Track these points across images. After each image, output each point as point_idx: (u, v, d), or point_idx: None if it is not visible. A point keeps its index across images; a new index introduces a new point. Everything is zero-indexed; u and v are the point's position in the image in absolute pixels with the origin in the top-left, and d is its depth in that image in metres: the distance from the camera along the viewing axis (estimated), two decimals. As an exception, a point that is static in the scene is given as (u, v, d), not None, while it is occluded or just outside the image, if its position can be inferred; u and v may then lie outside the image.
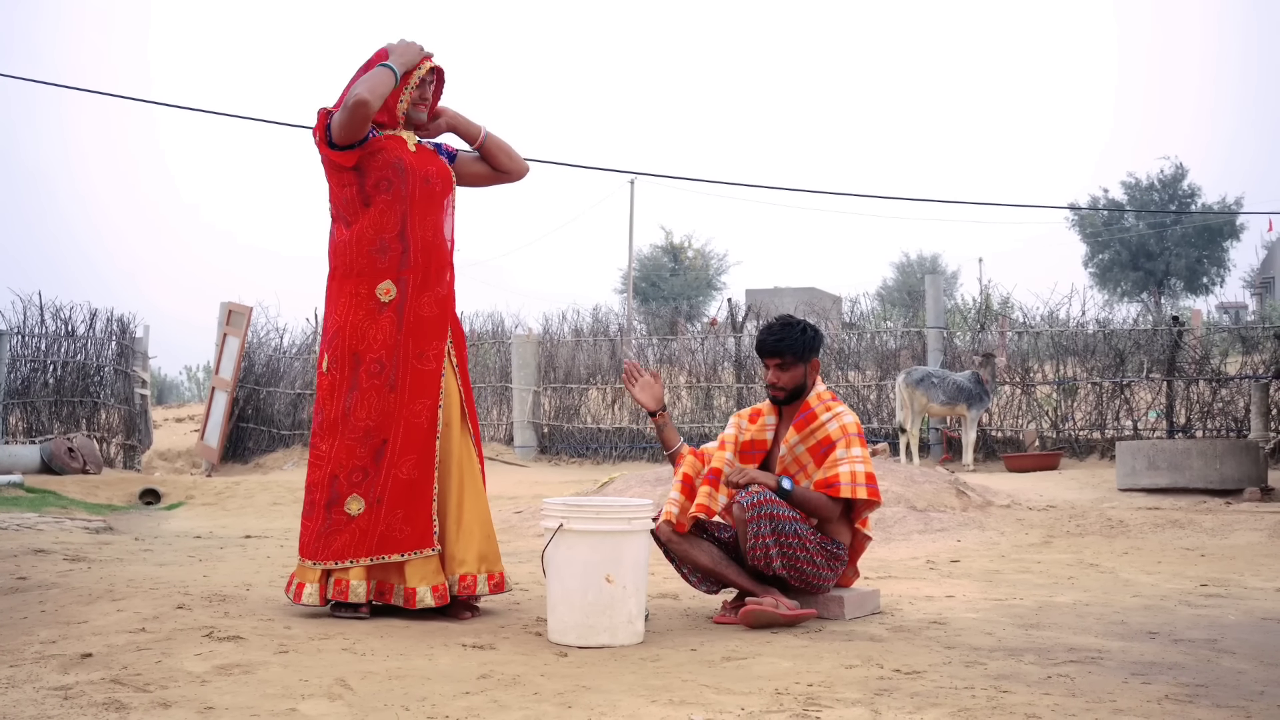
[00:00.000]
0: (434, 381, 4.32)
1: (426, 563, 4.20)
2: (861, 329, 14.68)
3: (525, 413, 14.59)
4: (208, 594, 4.60)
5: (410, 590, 4.18)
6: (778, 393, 4.42)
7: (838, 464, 4.26)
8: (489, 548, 4.35)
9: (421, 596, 4.17)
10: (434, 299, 4.38)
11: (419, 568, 4.19)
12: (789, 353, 4.36)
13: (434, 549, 4.22)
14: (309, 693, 3.11)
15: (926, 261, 45.68)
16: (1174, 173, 39.46)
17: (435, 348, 4.35)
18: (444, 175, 4.47)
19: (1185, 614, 4.47)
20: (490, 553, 4.36)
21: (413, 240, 4.34)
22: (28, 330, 13.77)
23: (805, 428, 4.34)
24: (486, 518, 4.39)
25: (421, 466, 4.26)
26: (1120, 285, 38.96)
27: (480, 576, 4.29)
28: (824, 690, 3.21)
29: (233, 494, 10.41)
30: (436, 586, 4.19)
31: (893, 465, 8.45)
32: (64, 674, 3.25)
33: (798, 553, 4.20)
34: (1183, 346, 12.10)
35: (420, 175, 4.37)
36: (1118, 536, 6.92)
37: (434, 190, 4.41)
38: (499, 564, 4.39)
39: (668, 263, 44.74)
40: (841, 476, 4.23)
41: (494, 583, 4.34)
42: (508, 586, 4.46)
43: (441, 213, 4.44)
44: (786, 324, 4.45)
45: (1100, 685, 3.28)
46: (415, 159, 4.40)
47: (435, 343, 4.36)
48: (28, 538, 6.71)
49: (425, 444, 4.27)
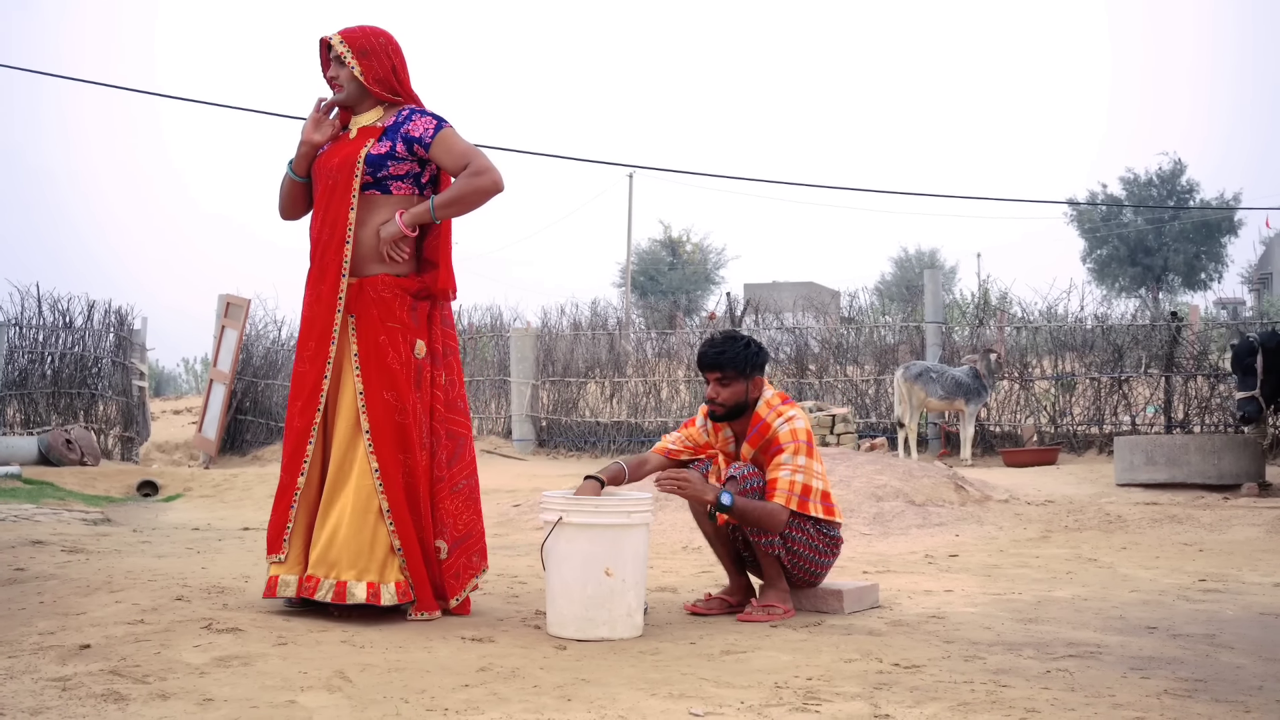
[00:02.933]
0: (303, 384, 4.13)
1: (278, 566, 4.09)
2: (860, 323, 14.67)
3: (523, 406, 14.58)
4: (206, 586, 4.59)
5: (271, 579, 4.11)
6: (716, 408, 4.26)
7: (780, 468, 4.18)
8: (340, 555, 3.96)
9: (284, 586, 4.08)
10: (316, 297, 4.15)
11: (274, 570, 4.11)
12: (729, 366, 4.21)
13: (278, 555, 4.08)
14: (308, 684, 3.11)
15: (925, 256, 45.68)
16: (1172, 168, 39.49)
17: (311, 349, 4.14)
18: (344, 164, 4.10)
19: (1183, 609, 4.47)
20: (339, 560, 3.96)
21: (311, 237, 4.23)
22: (25, 321, 13.74)
23: (760, 441, 4.25)
24: (361, 525, 3.98)
25: (289, 470, 4.13)
26: (1118, 280, 38.99)
27: (326, 581, 3.96)
28: (823, 684, 3.21)
29: (231, 486, 10.41)
30: (271, 579, 4.08)
31: (891, 460, 8.45)
32: (62, 665, 3.24)
33: (797, 535, 4.21)
34: (1181, 342, 12.10)
35: (324, 170, 4.16)
36: (1116, 531, 6.92)
37: (335, 183, 4.13)
38: (348, 573, 3.95)
39: (666, 256, 44.73)
40: (780, 483, 4.16)
41: (337, 591, 3.93)
42: (352, 599, 3.94)
43: (340, 206, 4.10)
44: (729, 337, 4.29)
45: (1099, 680, 3.28)
46: (329, 152, 4.19)
47: (311, 344, 4.14)
48: (25, 529, 6.70)
49: (294, 446, 4.12)
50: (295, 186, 4.29)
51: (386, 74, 4.19)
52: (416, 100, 4.28)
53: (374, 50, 4.17)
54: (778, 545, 4.20)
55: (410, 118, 4.17)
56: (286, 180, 4.29)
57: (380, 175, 4.12)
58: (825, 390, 13.56)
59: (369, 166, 4.11)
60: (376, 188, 4.14)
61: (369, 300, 4.11)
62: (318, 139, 4.20)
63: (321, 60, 4.25)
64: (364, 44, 4.16)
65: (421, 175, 4.21)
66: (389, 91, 4.20)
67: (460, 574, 4.19)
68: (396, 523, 4.03)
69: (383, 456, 4.04)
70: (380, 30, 4.23)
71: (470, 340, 16.06)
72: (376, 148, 4.12)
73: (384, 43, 4.20)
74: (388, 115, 4.21)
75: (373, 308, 4.10)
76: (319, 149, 4.23)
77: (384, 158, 4.12)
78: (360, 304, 4.12)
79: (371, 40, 4.18)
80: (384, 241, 4.11)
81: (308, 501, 4.12)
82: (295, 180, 4.27)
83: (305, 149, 4.21)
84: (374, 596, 3.96)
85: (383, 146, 4.12)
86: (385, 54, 4.19)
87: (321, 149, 4.23)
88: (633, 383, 14.63)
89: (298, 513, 4.11)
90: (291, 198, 4.32)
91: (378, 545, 4.00)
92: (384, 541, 4.01)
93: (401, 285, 4.16)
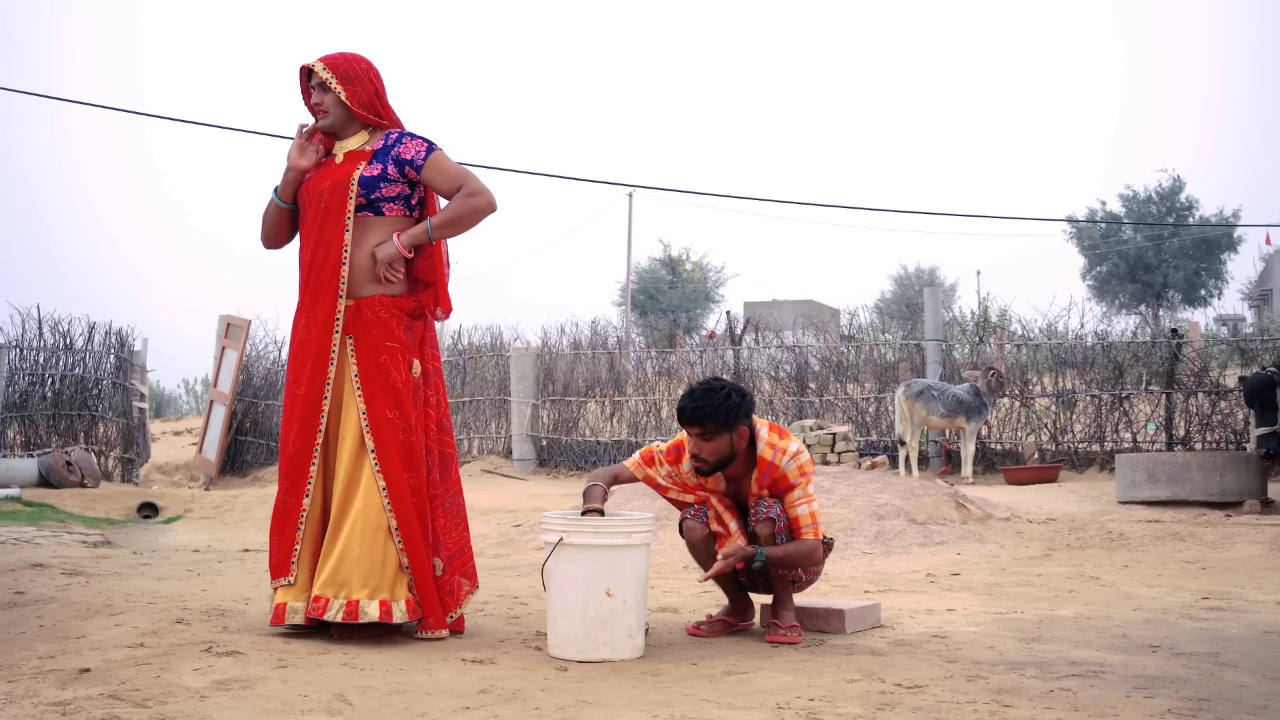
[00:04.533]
0: (302, 407, 4.12)
1: (285, 591, 4.09)
2: (860, 341, 14.67)
3: (524, 425, 14.57)
4: (206, 608, 4.58)
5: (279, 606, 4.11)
6: (700, 464, 4.12)
7: (796, 505, 4.18)
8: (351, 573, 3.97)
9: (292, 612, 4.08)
10: (311, 320, 4.15)
11: (280, 595, 4.11)
12: (709, 421, 4.02)
13: (287, 579, 4.08)
14: (308, 708, 3.09)
15: (925, 274, 45.72)
16: (1172, 185, 39.53)
17: (307, 372, 4.13)
18: (337, 187, 4.13)
19: (1187, 627, 4.46)
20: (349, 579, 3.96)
21: (302, 261, 4.24)
22: (26, 343, 13.76)
23: (769, 483, 4.20)
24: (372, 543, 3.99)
25: (291, 494, 4.13)
26: (1118, 297, 38.99)
27: (336, 601, 3.95)
28: (825, 705, 3.19)
29: (231, 507, 10.39)
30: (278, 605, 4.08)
31: (892, 478, 8.44)
32: (62, 689, 3.23)
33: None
34: (1181, 359, 12.10)
35: (314, 194, 4.18)
36: (1118, 549, 6.91)
37: (325, 206, 4.15)
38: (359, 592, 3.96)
39: (666, 275, 44.76)
40: (802, 520, 4.19)
41: (348, 610, 3.94)
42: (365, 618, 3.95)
43: (335, 229, 4.12)
44: (708, 389, 4.09)
45: (1103, 699, 3.26)
46: (317, 176, 4.21)
47: (307, 367, 4.13)
48: (25, 551, 6.69)
49: (294, 471, 4.12)
50: (281, 213, 4.31)
51: (370, 98, 4.23)
52: (398, 123, 4.34)
53: (357, 75, 4.22)
54: (797, 569, 4.23)
55: (400, 140, 4.22)
56: (272, 207, 4.31)
57: (373, 197, 4.16)
58: (826, 408, 13.56)
59: (362, 189, 4.14)
60: (369, 210, 4.17)
61: (368, 321, 4.14)
62: (304, 164, 4.23)
63: (302, 88, 4.28)
64: (347, 70, 4.22)
65: (411, 197, 4.25)
66: (373, 115, 4.25)
67: (455, 591, 4.23)
68: (405, 540, 4.06)
69: (390, 474, 4.06)
70: (360, 56, 4.30)
71: (470, 360, 16.07)
72: (369, 170, 4.16)
73: (365, 68, 4.26)
74: (374, 139, 4.25)
75: (372, 328, 4.13)
76: (305, 174, 4.26)
77: (376, 180, 4.16)
78: (358, 325, 4.14)
79: (354, 66, 4.24)
80: (381, 263, 4.14)
81: (311, 524, 4.13)
82: (281, 207, 4.29)
83: (292, 175, 4.24)
84: (386, 614, 3.98)
85: (374, 169, 4.16)
86: (368, 78, 4.24)
87: (307, 174, 4.26)
88: (633, 401, 14.62)
89: (304, 535, 4.11)
90: (277, 225, 4.34)
91: (388, 563, 4.03)
92: (393, 559, 4.04)
93: (398, 305, 4.19)
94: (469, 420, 15.63)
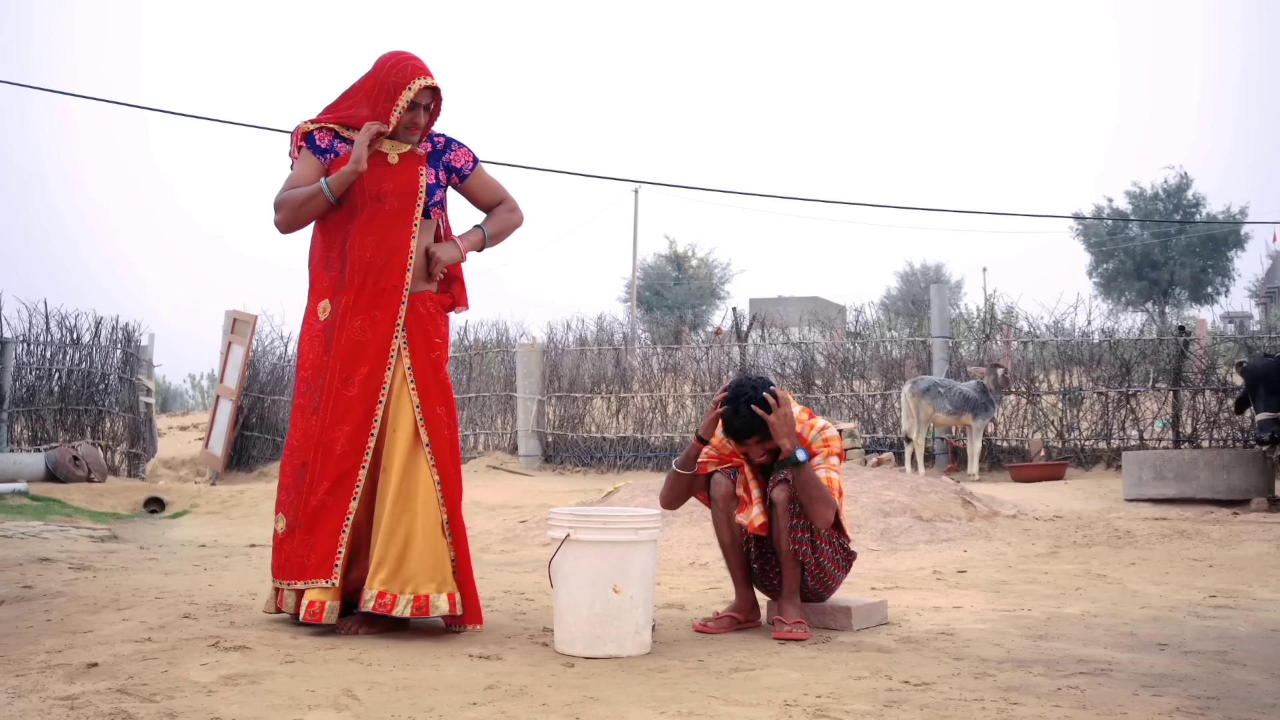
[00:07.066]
0: (357, 408, 4.10)
1: (323, 592, 4.06)
2: (866, 338, 14.66)
3: (529, 422, 14.58)
4: (213, 603, 4.59)
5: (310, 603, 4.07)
6: (763, 461, 4.33)
7: (816, 469, 4.26)
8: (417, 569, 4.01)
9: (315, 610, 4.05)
10: (369, 322, 4.15)
11: (316, 595, 4.07)
12: (761, 429, 4.19)
13: (330, 580, 4.04)
14: (316, 703, 3.10)
15: (931, 271, 45.71)
16: (1178, 182, 39.47)
17: (363, 373, 4.12)
18: (405, 191, 4.20)
19: (1194, 625, 4.45)
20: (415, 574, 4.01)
21: (350, 260, 4.18)
22: (33, 338, 13.76)
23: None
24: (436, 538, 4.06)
25: (335, 494, 4.09)
26: (1125, 294, 38.95)
27: (403, 596, 3.98)
28: (833, 702, 3.19)
29: (237, 502, 10.41)
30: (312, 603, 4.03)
31: (898, 475, 8.43)
32: (70, 684, 3.23)
33: (824, 545, 4.30)
34: (1188, 356, 12.08)
35: (371, 193, 4.17)
36: (1125, 547, 6.90)
37: (385, 209, 4.18)
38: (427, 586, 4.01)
39: (672, 272, 44.76)
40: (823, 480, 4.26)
41: (417, 605, 3.98)
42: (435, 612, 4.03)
43: (401, 231, 4.18)
44: (745, 399, 4.19)
45: (1111, 697, 3.26)
46: (375, 175, 4.19)
47: (364, 368, 4.12)
48: (33, 546, 6.70)
49: (340, 471, 4.09)
50: (326, 207, 4.25)
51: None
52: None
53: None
54: (806, 546, 4.24)
55: (450, 147, 4.36)
56: (321, 201, 4.21)
57: (430, 202, 4.28)
58: (831, 405, 13.55)
59: (426, 195, 4.26)
60: (424, 213, 4.28)
61: (420, 316, 4.23)
62: (366, 168, 4.20)
63: (405, 98, 4.16)
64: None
65: (445, 201, 4.40)
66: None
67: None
68: (454, 534, 4.15)
69: (443, 470, 4.16)
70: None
71: (476, 356, 16.07)
72: (429, 176, 4.28)
73: None
74: (422, 141, 4.31)
75: (425, 323, 4.24)
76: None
77: (435, 186, 4.30)
78: (411, 321, 4.21)
79: None
80: (438, 263, 4.26)
81: (355, 525, 4.12)
82: (329, 201, 4.23)
83: (354, 178, 4.19)
84: (454, 607, 4.06)
85: (432, 175, 4.30)
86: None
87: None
88: (639, 398, 14.62)
89: (349, 535, 4.10)
90: (314, 216, 4.28)
91: (446, 557, 4.12)
92: (445, 554, 4.12)
93: (439, 302, 4.35)
94: (475, 416, 15.64)
